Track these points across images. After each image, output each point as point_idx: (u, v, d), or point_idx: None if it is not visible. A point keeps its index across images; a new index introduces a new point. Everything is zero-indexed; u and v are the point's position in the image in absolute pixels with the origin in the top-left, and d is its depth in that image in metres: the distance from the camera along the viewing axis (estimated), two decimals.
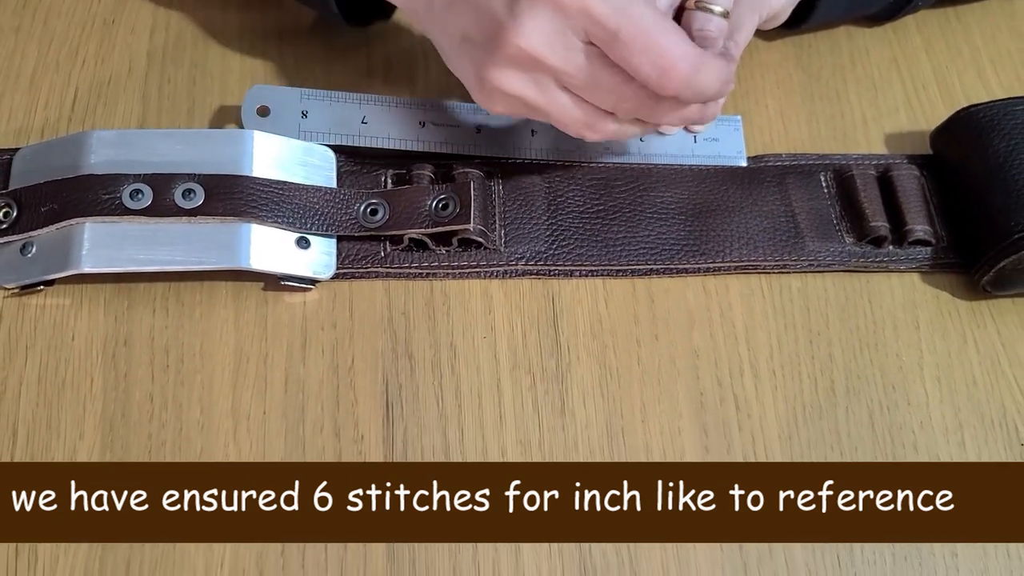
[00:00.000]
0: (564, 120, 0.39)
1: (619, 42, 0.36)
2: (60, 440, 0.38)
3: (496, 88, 0.38)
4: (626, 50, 0.36)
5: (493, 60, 0.37)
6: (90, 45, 0.48)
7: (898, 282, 0.44)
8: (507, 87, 0.38)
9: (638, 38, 0.36)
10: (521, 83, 0.38)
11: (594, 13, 0.36)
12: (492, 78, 0.38)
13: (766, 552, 0.37)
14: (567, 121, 0.39)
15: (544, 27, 0.36)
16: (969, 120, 0.44)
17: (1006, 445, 0.40)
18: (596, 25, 0.36)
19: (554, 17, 0.36)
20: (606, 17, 0.36)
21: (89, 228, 0.39)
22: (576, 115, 0.39)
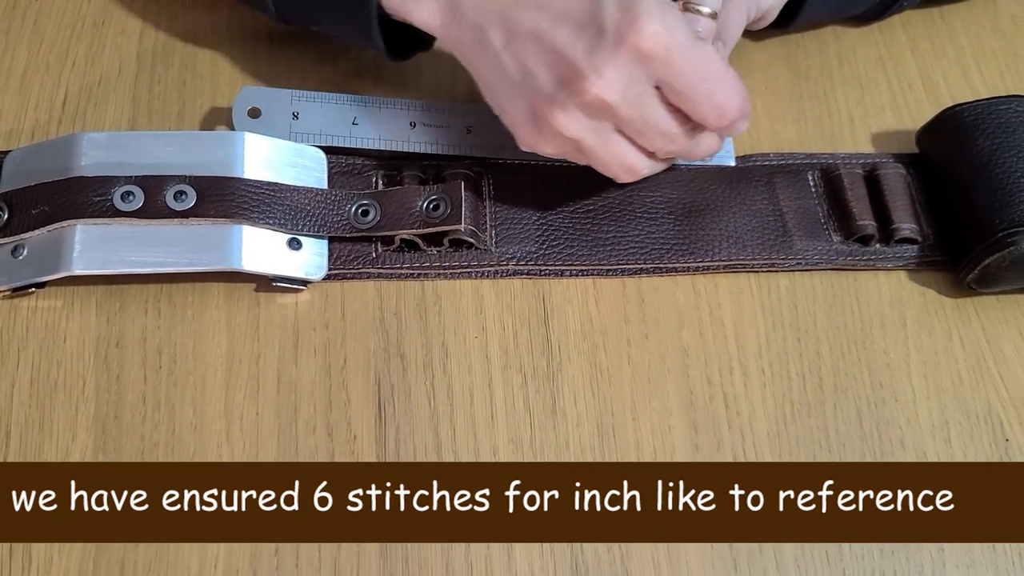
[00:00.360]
0: (609, 163, 0.40)
1: (690, 87, 0.37)
2: (52, 442, 0.38)
3: (555, 130, 0.38)
4: (697, 96, 0.37)
5: (561, 104, 0.37)
6: (80, 46, 0.48)
7: (885, 280, 0.44)
8: (568, 130, 0.38)
9: (708, 85, 0.37)
10: (582, 128, 0.38)
11: (674, 60, 0.37)
12: (555, 120, 0.38)
13: (756, 549, 0.38)
14: (612, 164, 0.40)
15: (622, 77, 0.37)
16: (954, 119, 0.44)
17: (991, 441, 0.40)
18: (675, 74, 0.37)
19: (634, 65, 0.37)
20: (686, 65, 0.37)
21: (80, 230, 0.40)
22: (624, 159, 0.40)
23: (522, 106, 0.39)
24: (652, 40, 0.36)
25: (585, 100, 0.37)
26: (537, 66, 0.38)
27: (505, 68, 0.38)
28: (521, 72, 0.38)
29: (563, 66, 0.37)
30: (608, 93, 0.37)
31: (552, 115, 0.38)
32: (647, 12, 0.36)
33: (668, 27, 0.36)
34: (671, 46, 0.36)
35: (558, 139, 0.39)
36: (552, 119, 0.38)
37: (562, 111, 0.38)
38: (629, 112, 0.38)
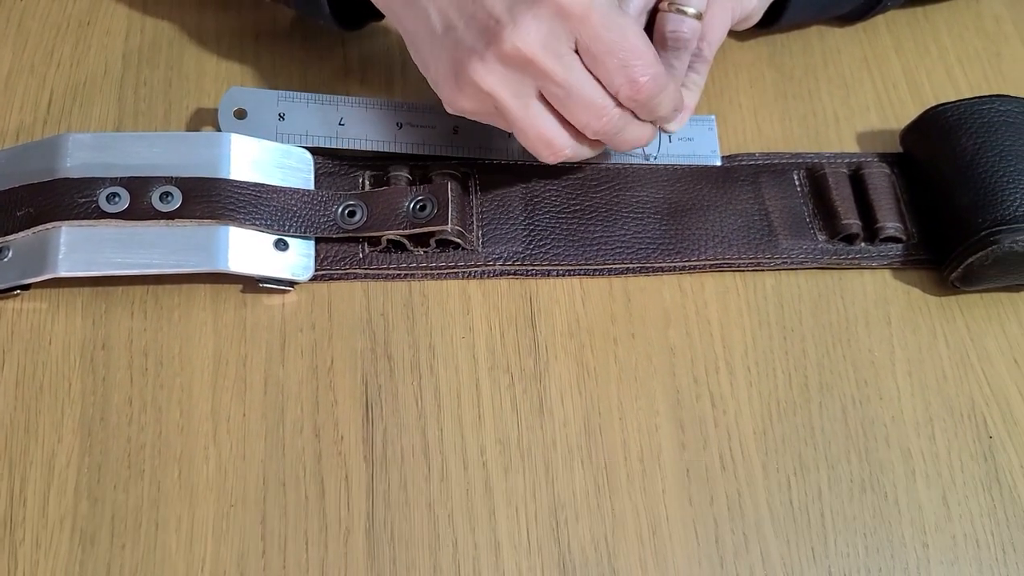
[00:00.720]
0: (528, 132, 0.39)
1: (610, 55, 0.37)
2: (38, 444, 0.38)
3: (474, 83, 0.38)
4: (613, 62, 0.37)
5: (480, 55, 0.37)
6: (65, 47, 0.48)
7: (870, 279, 0.44)
8: (486, 84, 0.38)
9: (624, 53, 0.37)
10: (501, 83, 0.38)
11: (592, 21, 0.37)
12: (473, 72, 0.38)
13: (742, 546, 0.38)
14: (531, 134, 0.39)
15: (542, 29, 0.37)
16: (937, 119, 0.45)
17: (975, 438, 0.41)
18: (592, 36, 0.37)
19: (553, 21, 0.37)
20: (603, 29, 0.37)
21: (65, 232, 0.39)
22: (543, 130, 0.39)
23: (444, 59, 0.39)
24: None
25: (503, 51, 0.37)
26: (459, 18, 0.38)
27: (429, 20, 0.39)
28: (444, 24, 0.38)
29: (483, 17, 0.37)
30: (526, 44, 0.36)
31: (470, 66, 0.37)
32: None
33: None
34: (590, 6, 0.36)
35: (477, 94, 0.38)
36: (470, 70, 0.37)
37: (480, 62, 0.37)
38: (552, 71, 0.37)
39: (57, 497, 0.37)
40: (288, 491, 0.38)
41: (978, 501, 0.39)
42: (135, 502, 0.37)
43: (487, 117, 0.40)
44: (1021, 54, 0.52)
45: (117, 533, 0.36)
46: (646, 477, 0.39)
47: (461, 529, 0.37)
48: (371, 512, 0.37)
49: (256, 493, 0.37)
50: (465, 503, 0.38)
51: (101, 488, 0.37)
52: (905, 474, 0.40)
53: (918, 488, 0.39)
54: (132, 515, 0.37)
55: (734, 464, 0.39)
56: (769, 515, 0.38)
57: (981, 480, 0.40)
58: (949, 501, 0.39)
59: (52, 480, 0.37)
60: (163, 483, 0.37)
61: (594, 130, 0.39)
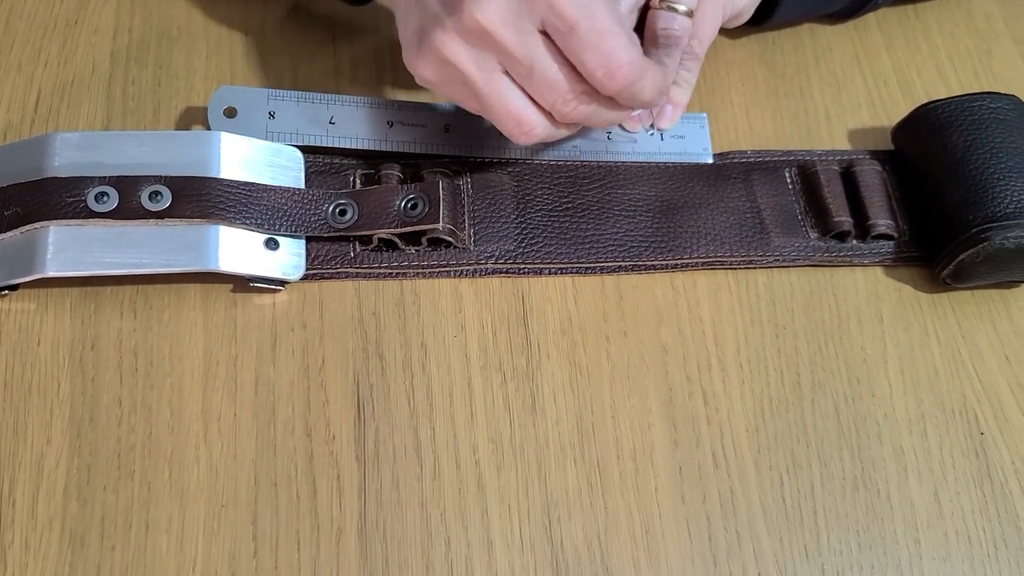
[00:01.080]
0: (497, 109, 0.39)
1: (574, 34, 0.36)
2: (27, 445, 0.37)
3: (435, 51, 0.38)
4: (579, 43, 0.36)
5: (442, 24, 0.37)
6: (53, 46, 0.47)
7: (862, 276, 0.44)
8: (445, 51, 0.37)
9: (593, 34, 0.36)
10: (463, 54, 0.37)
11: (557, 1, 0.36)
12: (434, 39, 0.37)
13: (735, 543, 0.38)
14: (500, 111, 0.39)
15: (502, 7, 0.36)
16: (928, 116, 0.45)
17: (966, 435, 0.41)
18: (556, 14, 0.36)
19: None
20: (568, 8, 0.36)
21: (54, 232, 0.39)
22: (512, 107, 0.39)
23: (412, 26, 0.39)
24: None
25: (463, 23, 0.36)
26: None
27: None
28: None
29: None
30: (486, 18, 0.36)
31: (433, 34, 0.37)
32: None
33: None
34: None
35: (437, 62, 0.38)
36: (432, 38, 0.37)
37: (442, 31, 0.37)
38: (514, 48, 0.37)
39: (46, 498, 0.37)
40: (280, 491, 0.37)
41: (970, 497, 0.39)
42: (125, 503, 0.37)
43: (453, 90, 0.40)
44: (1011, 52, 0.52)
45: (107, 534, 0.36)
46: (639, 475, 0.39)
47: (454, 528, 0.37)
48: (363, 511, 0.37)
49: (247, 493, 0.37)
50: (458, 502, 0.38)
51: (91, 489, 0.37)
52: (897, 471, 0.40)
53: (910, 485, 0.39)
54: (122, 516, 0.36)
55: (727, 462, 0.39)
56: (762, 512, 0.38)
57: (973, 476, 0.40)
58: (941, 498, 0.39)
59: (41, 481, 0.37)
60: (153, 483, 0.37)
61: (561, 113, 0.39)
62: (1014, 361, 0.43)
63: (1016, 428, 0.41)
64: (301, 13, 0.49)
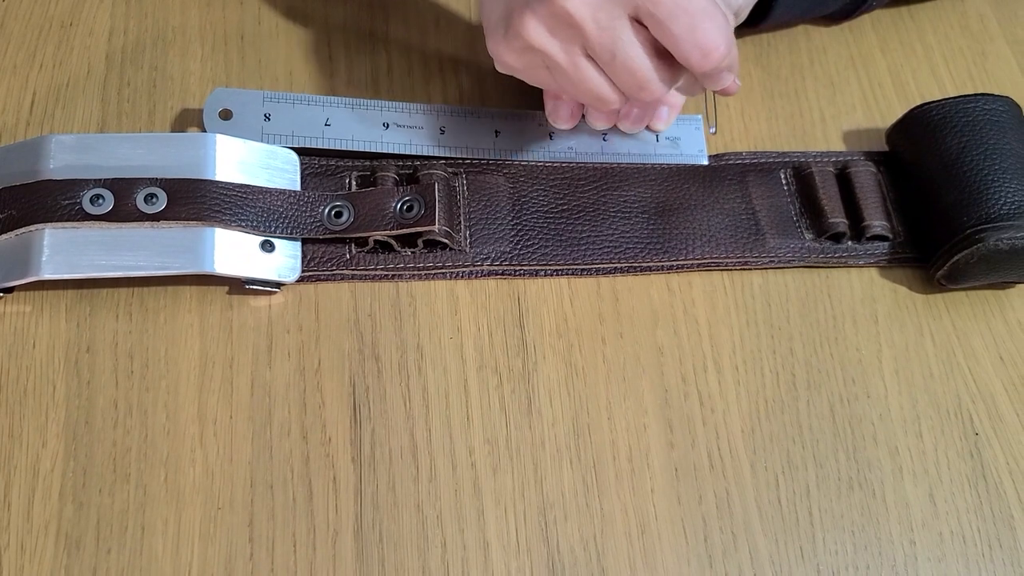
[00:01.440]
0: (578, 84, 0.39)
1: (672, 20, 0.36)
2: (23, 449, 0.37)
3: (522, 36, 0.38)
4: (676, 28, 0.36)
5: (532, 9, 0.37)
6: (47, 48, 0.47)
7: (857, 277, 0.45)
8: (532, 37, 0.38)
9: (689, 18, 0.36)
10: (548, 40, 0.38)
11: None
12: (523, 24, 0.38)
13: (731, 544, 0.38)
14: (581, 87, 0.39)
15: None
16: (922, 117, 0.45)
17: (961, 435, 0.41)
18: (653, 1, 0.36)
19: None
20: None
21: (49, 234, 0.39)
22: (591, 84, 0.39)
23: (499, 11, 0.39)
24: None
25: (553, 11, 0.37)
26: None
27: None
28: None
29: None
30: (576, 7, 0.36)
31: (522, 19, 0.37)
32: None
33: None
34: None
35: (523, 49, 0.38)
36: (520, 23, 0.38)
37: (532, 15, 0.37)
38: (599, 36, 0.37)
39: (42, 502, 0.36)
40: (276, 493, 0.37)
41: (964, 498, 0.39)
42: (121, 506, 0.37)
43: (532, 73, 0.40)
44: (1006, 53, 0.52)
45: (103, 538, 0.36)
46: (635, 476, 0.39)
47: (450, 530, 0.37)
48: (359, 514, 0.37)
49: (243, 496, 0.37)
50: (454, 504, 0.38)
51: (86, 492, 0.37)
52: (892, 471, 0.40)
53: (905, 485, 0.40)
54: (118, 519, 0.36)
55: (722, 463, 0.39)
56: (757, 513, 0.38)
57: (967, 477, 0.40)
58: (936, 498, 0.39)
59: (37, 485, 0.37)
60: (149, 487, 0.37)
61: (636, 96, 0.39)
62: (1008, 362, 0.43)
63: (1010, 428, 0.41)
64: (296, 15, 0.49)
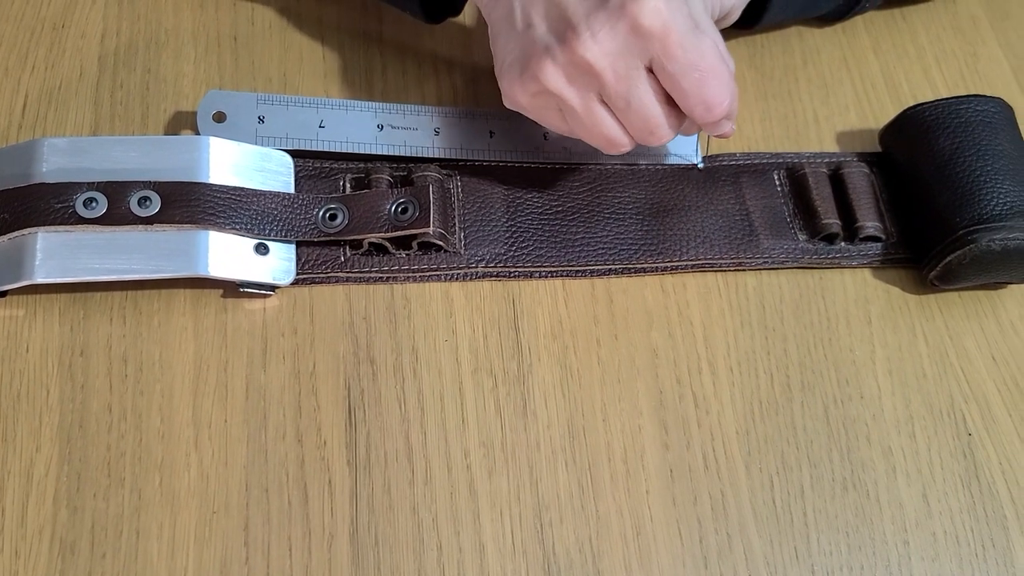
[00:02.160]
0: (592, 131, 0.40)
1: (680, 73, 0.37)
2: (16, 453, 0.37)
3: (538, 80, 0.38)
4: (685, 83, 0.38)
5: (553, 56, 0.38)
6: (39, 50, 0.47)
7: (850, 278, 0.45)
8: (549, 82, 0.38)
9: (699, 74, 0.37)
10: (564, 86, 0.38)
11: (671, 43, 0.37)
12: (541, 69, 0.38)
13: (726, 545, 0.38)
14: (593, 131, 0.40)
15: (615, 45, 0.37)
16: (915, 119, 0.45)
17: (954, 435, 0.41)
18: (668, 55, 0.37)
19: (629, 37, 0.37)
20: (680, 49, 0.37)
21: (42, 238, 0.39)
22: (603, 128, 0.40)
23: (515, 52, 0.39)
24: (651, 16, 0.36)
25: (573, 59, 0.37)
26: (540, 18, 0.38)
27: (513, 15, 0.39)
28: (524, 21, 0.39)
29: (561, 20, 0.38)
30: (596, 57, 0.37)
31: (540, 64, 0.38)
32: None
33: (671, 8, 0.37)
34: (669, 26, 0.37)
35: (538, 92, 0.39)
36: (538, 68, 0.38)
37: (551, 62, 0.38)
38: (616, 85, 0.38)
39: (36, 507, 0.36)
40: (271, 497, 0.37)
41: (958, 498, 0.40)
42: (116, 510, 0.37)
43: (543, 114, 0.41)
44: (997, 54, 0.52)
45: (97, 542, 0.36)
46: (630, 478, 0.39)
47: (445, 532, 0.37)
48: (355, 517, 0.37)
49: (239, 499, 0.37)
50: (449, 506, 0.38)
51: (81, 497, 0.37)
52: (886, 472, 0.40)
53: (899, 486, 0.40)
54: (113, 524, 0.36)
55: (717, 464, 0.40)
56: (752, 515, 0.39)
57: (960, 477, 0.40)
58: (929, 498, 0.40)
59: (31, 489, 0.37)
60: (144, 491, 0.37)
61: (645, 141, 0.40)
62: (1001, 362, 0.43)
63: (1003, 429, 0.41)
64: (290, 16, 0.49)
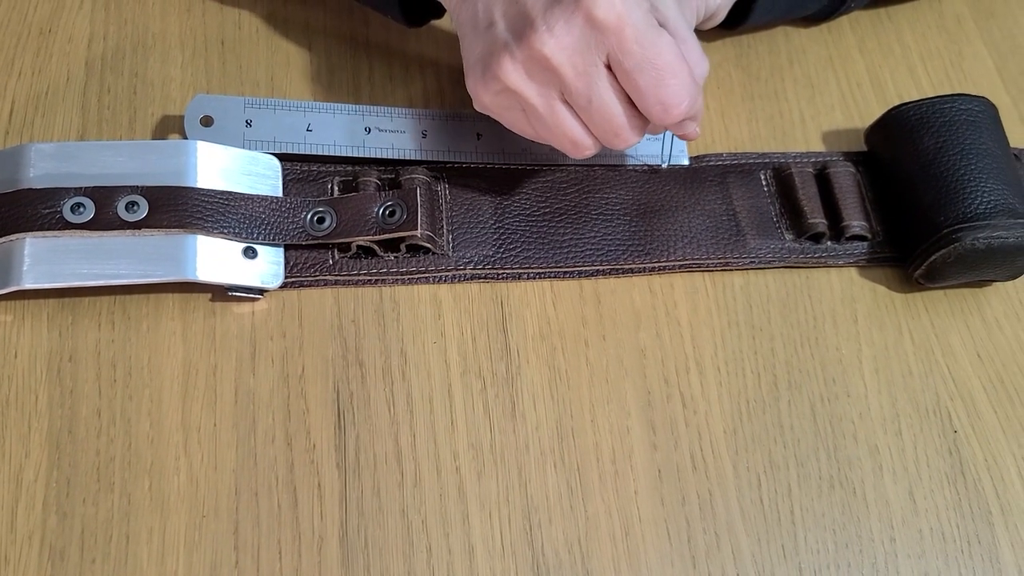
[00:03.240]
0: (553, 128, 0.40)
1: (638, 72, 0.37)
2: (5, 459, 0.37)
3: (498, 78, 0.38)
4: (642, 80, 0.37)
5: (511, 52, 0.38)
6: (26, 55, 0.47)
7: (836, 277, 0.45)
8: (509, 80, 0.38)
9: (656, 72, 0.37)
10: (525, 84, 0.38)
11: (626, 37, 0.36)
12: (500, 67, 0.38)
13: (714, 545, 0.38)
14: (556, 131, 0.40)
15: (572, 39, 0.37)
16: (900, 118, 0.45)
17: (940, 432, 0.41)
18: (624, 50, 0.37)
19: (585, 32, 0.37)
20: (636, 44, 0.37)
21: (30, 243, 0.39)
22: (566, 128, 0.39)
23: (478, 50, 0.39)
24: (606, 9, 0.36)
25: (531, 54, 0.37)
26: (500, 16, 0.38)
27: (477, 15, 0.39)
28: (487, 20, 0.39)
29: (519, 16, 0.38)
30: (553, 52, 0.37)
31: (499, 62, 0.38)
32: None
33: (626, 2, 0.36)
34: (624, 20, 0.36)
35: (500, 90, 0.39)
36: (498, 66, 0.38)
37: (510, 59, 0.38)
38: (575, 82, 0.38)
39: (25, 512, 0.36)
40: (261, 501, 0.37)
41: (944, 495, 0.40)
42: (105, 515, 0.37)
43: (508, 115, 0.40)
44: (982, 53, 0.52)
45: (87, 547, 0.36)
46: (618, 478, 0.39)
47: (435, 534, 0.37)
48: (344, 520, 0.37)
49: (228, 503, 0.37)
50: (438, 508, 0.38)
51: (70, 502, 0.37)
52: (872, 470, 0.40)
53: (885, 483, 0.40)
54: (102, 529, 0.36)
55: (705, 464, 0.40)
56: (740, 513, 0.39)
57: (946, 474, 0.40)
58: (915, 496, 0.40)
59: (20, 495, 0.37)
60: (133, 495, 0.37)
61: (609, 143, 0.40)
62: (986, 359, 0.43)
63: (988, 425, 0.42)
64: (277, 20, 0.49)
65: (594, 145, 0.40)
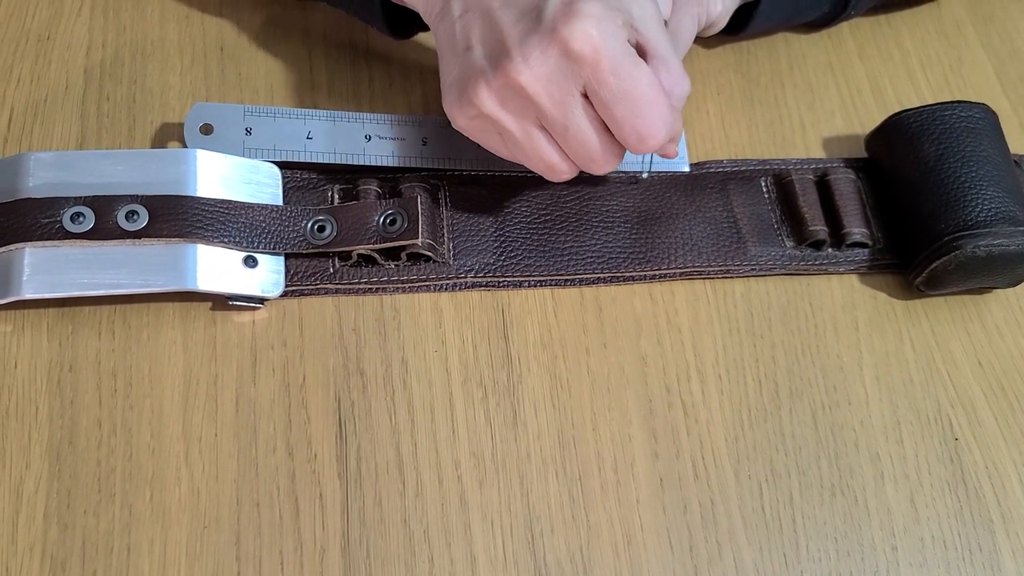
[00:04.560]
0: (530, 156, 0.40)
1: (615, 103, 0.37)
2: (6, 470, 0.37)
3: (473, 103, 0.38)
4: (618, 111, 0.37)
5: (487, 81, 0.37)
6: (24, 63, 0.47)
7: (837, 284, 0.45)
8: (484, 106, 0.38)
9: (631, 102, 0.37)
10: (500, 110, 0.38)
11: (602, 69, 0.36)
12: (476, 93, 0.38)
13: (716, 554, 0.38)
14: (532, 156, 0.40)
15: (547, 69, 0.37)
16: (900, 125, 0.45)
17: (941, 440, 0.41)
18: (600, 81, 0.37)
19: (560, 63, 0.36)
20: (612, 75, 0.36)
21: (29, 253, 0.39)
22: (543, 154, 0.39)
23: (455, 73, 0.39)
24: (581, 40, 0.36)
25: (507, 83, 0.37)
26: (477, 41, 0.38)
27: (454, 37, 0.39)
28: (464, 43, 0.39)
29: (496, 43, 0.37)
30: (528, 82, 0.37)
31: (475, 87, 0.38)
32: (585, 13, 0.36)
33: (602, 32, 0.36)
34: (601, 51, 0.36)
35: (475, 115, 0.39)
36: (474, 92, 0.38)
37: (485, 86, 0.38)
38: (552, 110, 0.37)
39: (26, 524, 0.36)
40: (262, 511, 0.37)
41: (945, 503, 0.40)
42: (106, 526, 0.37)
43: (485, 137, 0.40)
44: (982, 59, 0.52)
45: (88, 559, 0.36)
46: (620, 487, 0.39)
47: (437, 544, 0.37)
48: (346, 530, 0.37)
49: (229, 513, 0.37)
50: (440, 518, 0.38)
51: (71, 513, 0.37)
52: (874, 478, 0.40)
53: (887, 491, 0.40)
54: (103, 540, 0.36)
55: (707, 472, 0.40)
56: (742, 522, 0.39)
57: (948, 482, 0.40)
58: (917, 503, 0.40)
59: (20, 506, 0.37)
60: (134, 506, 0.37)
61: (586, 168, 0.40)
62: (987, 366, 0.43)
63: (989, 433, 0.42)
64: (276, 27, 0.49)
65: (570, 170, 0.40)
